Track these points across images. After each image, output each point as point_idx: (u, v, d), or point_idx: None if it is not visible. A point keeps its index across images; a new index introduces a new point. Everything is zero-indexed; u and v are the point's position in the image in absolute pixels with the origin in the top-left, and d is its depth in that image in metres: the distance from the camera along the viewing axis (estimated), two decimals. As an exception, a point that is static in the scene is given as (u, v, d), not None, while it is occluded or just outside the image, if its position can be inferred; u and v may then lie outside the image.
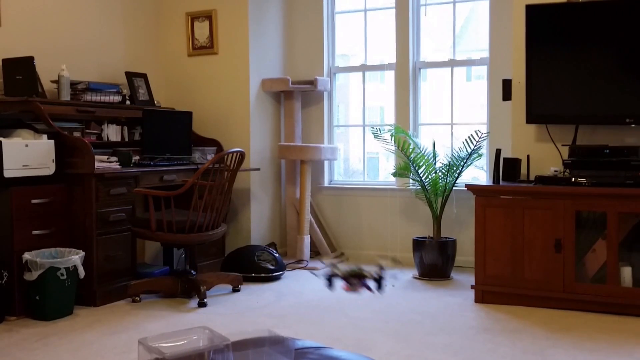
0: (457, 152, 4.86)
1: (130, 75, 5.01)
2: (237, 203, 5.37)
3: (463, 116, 5.36)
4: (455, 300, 4.16)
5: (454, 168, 4.81)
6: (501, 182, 4.22)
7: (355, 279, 1.66)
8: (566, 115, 4.21)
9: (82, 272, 3.83)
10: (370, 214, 5.58)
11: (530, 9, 4.20)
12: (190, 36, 5.49)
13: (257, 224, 5.45)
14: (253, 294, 4.38)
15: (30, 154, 3.83)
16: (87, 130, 4.57)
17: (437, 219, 4.90)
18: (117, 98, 4.76)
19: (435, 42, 5.60)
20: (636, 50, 4.01)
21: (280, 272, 4.82)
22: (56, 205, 4.00)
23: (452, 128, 5.38)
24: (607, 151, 3.96)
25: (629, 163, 3.89)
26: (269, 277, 4.74)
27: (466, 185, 4.24)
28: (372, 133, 5.12)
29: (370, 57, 5.71)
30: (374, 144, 5.42)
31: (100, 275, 4.09)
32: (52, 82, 4.46)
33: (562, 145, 4.23)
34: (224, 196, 4.18)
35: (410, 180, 5.04)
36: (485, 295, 4.08)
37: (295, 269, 5.11)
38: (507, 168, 4.28)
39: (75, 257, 3.82)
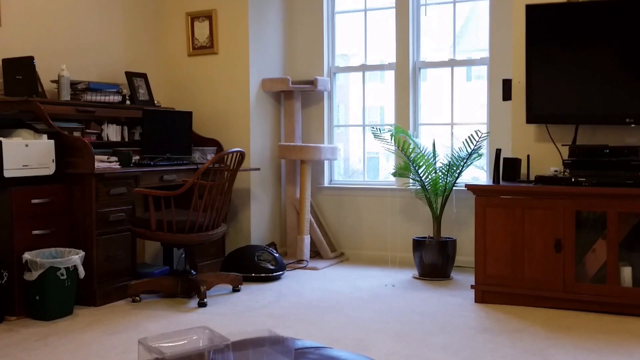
0: (457, 152, 4.86)
1: (130, 75, 5.01)
2: (237, 203, 5.37)
3: (463, 116, 5.36)
4: (455, 300, 4.16)
5: (454, 168, 4.81)
6: (501, 182, 4.22)
7: None
8: (566, 115, 4.20)
9: (82, 272, 3.83)
10: (370, 214, 5.58)
11: (530, 9, 4.19)
12: (190, 36, 5.49)
13: (257, 224, 5.44)
14: (253, 294, 4.38)
15: (30, 154, 3.83)
16: (87, 130, 4.57)
17: (437, 219, 4.89)
18: (117, 98, 4.76)
19: (435, 42, 5.60)
20: (636, 50, 4.01)
21: (280, 272, 4.82)
22: (56, 205, 4.00)
23: (452, 128, 5.38)
24: (607, 151, 3.96)
25: (629, 163, 3.89)
26: (269, 277, 4.74)
27: (466, 185, 4.23)
28: (372, 133, 5.12)
29: (370, 57, 5.71)
30: (374, 144, 5.42)
31: (100, 275, 4.09)
32: (52, 82, 4.46)
33: (562, 145, 4.23)
34: (224, 196, 4.18)
35: (410, 180, 5.04)
36: (485, 295, 4.08)
37: (295, 268, 5.11)
38: (507, 168, 4.28)
39: (75, 257, 3.82)
